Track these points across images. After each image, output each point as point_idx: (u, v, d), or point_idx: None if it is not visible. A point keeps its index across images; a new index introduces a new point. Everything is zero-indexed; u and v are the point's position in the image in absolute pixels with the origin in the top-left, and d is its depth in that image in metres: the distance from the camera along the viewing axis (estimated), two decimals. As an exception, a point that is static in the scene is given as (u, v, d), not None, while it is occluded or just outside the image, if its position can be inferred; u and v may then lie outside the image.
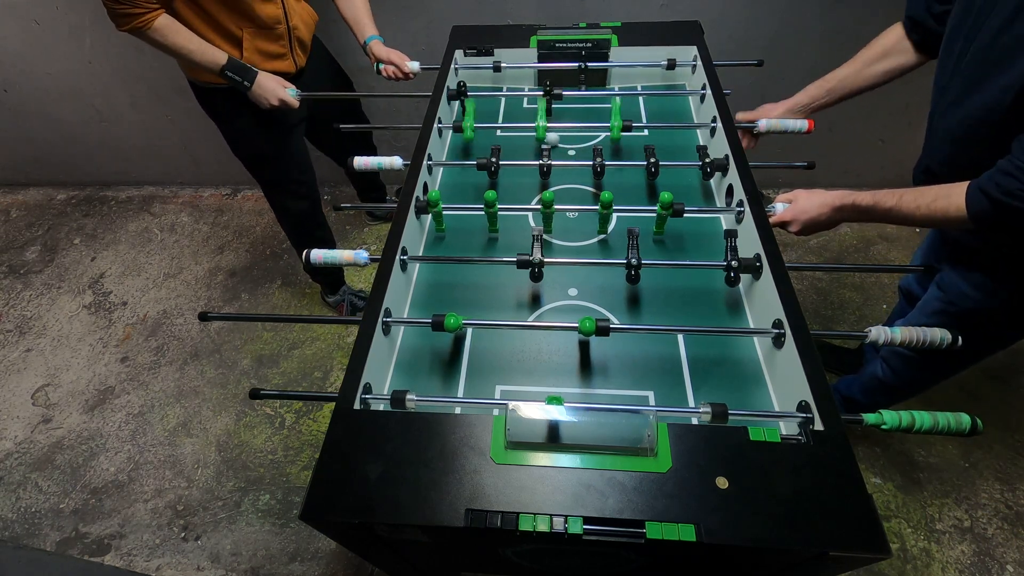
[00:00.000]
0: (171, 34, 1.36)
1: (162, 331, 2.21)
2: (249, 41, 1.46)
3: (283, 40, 1.52)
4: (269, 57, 1.52)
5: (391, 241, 1.04)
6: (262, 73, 1.47)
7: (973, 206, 0.88)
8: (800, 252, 2.27)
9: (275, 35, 1.49)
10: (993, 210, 0.86)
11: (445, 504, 0.69)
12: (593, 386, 0.94)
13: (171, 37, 1.36)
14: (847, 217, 1.03)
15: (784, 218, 1.05)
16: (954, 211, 0.90)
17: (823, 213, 1.02)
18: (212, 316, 1.03)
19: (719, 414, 0.79)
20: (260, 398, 0.91)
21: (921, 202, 0.93)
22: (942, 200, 0.92)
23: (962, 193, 0.89)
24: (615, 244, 1.18)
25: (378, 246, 1.01)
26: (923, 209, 0.93)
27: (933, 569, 1.50)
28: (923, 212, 0.93)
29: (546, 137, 1.32)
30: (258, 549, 1.63)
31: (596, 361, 0.98)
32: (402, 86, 1.76)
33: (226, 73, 1.44)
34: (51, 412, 2.00)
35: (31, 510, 1.76)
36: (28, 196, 2.89)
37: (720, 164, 1.20)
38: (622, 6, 1.98)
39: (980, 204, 0.87)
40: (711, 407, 0.79)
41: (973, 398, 1.80)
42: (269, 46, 1.50)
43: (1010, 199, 0.84)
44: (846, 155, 2.34)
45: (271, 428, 1.89)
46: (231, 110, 1.56)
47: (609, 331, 0.89)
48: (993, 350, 1.25)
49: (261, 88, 1.48)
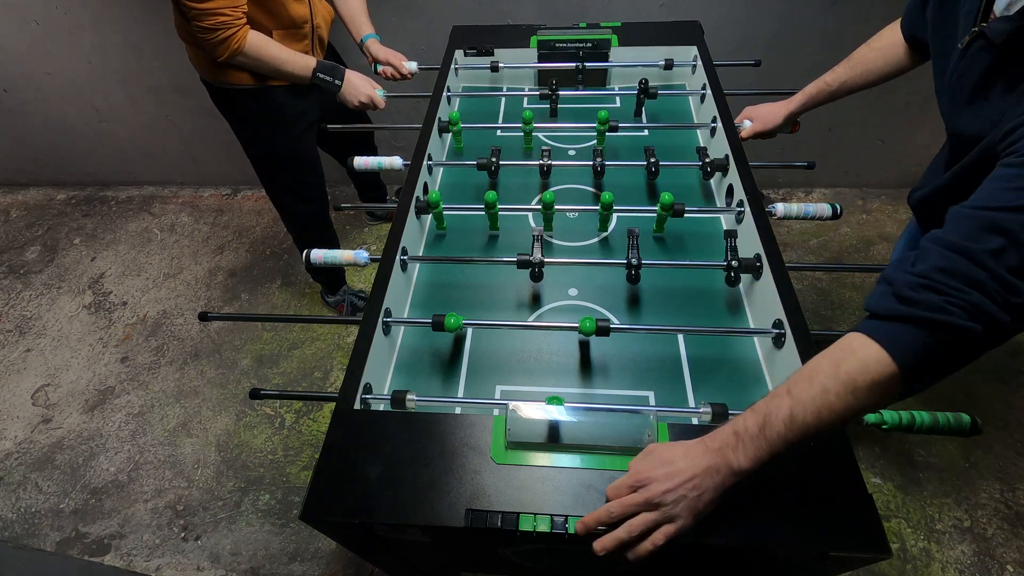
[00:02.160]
0: (264, 46, 1.36)
1: (162, 331, 2.21)
2: (279, 41, 1.44)
3: (307, 40, 1.51)
4: None
5: (391, 241, 1.04)
6: (350, 71, 1.48)
7: (897, 344, 0.60)
8: (800, 252, 2.27)
9: (301, 34, 1.48)
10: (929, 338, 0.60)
11: (445, 504, 0.69)
12: (593, 386, 0.94)
13: (265, 49, 1.36)
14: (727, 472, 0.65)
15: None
16: (871, 365, 0.60)
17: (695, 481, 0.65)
18: (212, 316, 1.03)
19: (719, 414, 0.79)
20: (260, 398, 0.91)
21: (829, 396, 0.61)
22: (845, 362, 0.62)
23: (863, 341, 0.62)
24: (615, 244, 1.18)
25: (378, 246, 1.01)
26: (829, 390, 0.61)
27: (933, 569, 1.50)
28: (832, 394, 0.61)
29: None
30: (258, 549, 1.63)
31: (596, 361, 0.98)
32: (404, 86, 1.76)
33: (318, 75, 1.44)
34: (51, 412, 2.00)
35: (31, 510, 1.76)
36: (28, 196, 2.89)
37: (720, 164, 1.20)
38: (622, 6, 1.98)
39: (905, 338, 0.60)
40: (711, 407, 0.79)
41: (973, 398, 1.80)
42: (295, 45, 1.49)
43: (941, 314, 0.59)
44: (846, 155, 2.34)
45: (271, 428, 1.89)
46: (249, 110, 1.54)
47: (609, 331, 0.89)
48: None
49: (352, 86, 1.48)
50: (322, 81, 1.45)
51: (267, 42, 1.37)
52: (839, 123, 2.25)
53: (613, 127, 1.30)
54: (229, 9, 1.27)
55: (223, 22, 1.28)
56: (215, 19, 1.26)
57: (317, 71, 1.44)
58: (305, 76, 1.44)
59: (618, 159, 1.37)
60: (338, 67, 1.46)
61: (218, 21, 1.27)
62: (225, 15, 1.27)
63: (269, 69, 1.41)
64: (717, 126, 1.27)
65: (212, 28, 1.27)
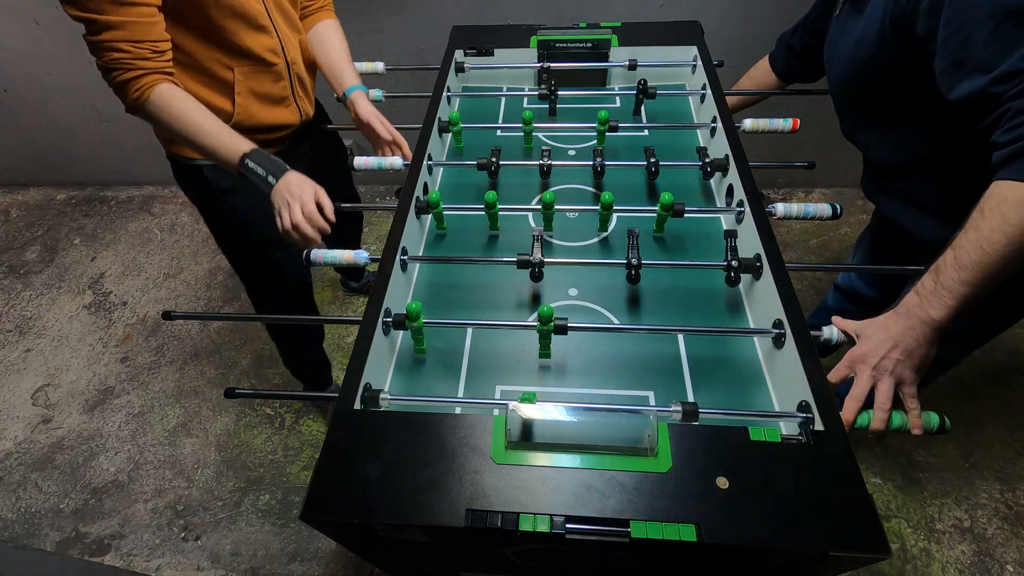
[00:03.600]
0: (178, 103, 1.03)
1: (162, 331, 2.21)
2: (242, 82, 1.14)
3: (283, 80, 1.21)
4: (269, 102, 1.21)
5: (391, 241, 1.04)
6: (293, 173, 1.09)
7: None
8: (800, 252, 2.27)
9: (273, 73, 1.18)
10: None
11: (445, 504, 0.69)
12: (593, 386, 0.94)
13: (175, 108, 1.02)
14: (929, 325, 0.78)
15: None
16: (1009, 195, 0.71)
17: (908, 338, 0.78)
18: (175, 315, 1.01)
19: (689, 412, 0.79)
20: (235, 396, 0.91)
21: (982, 232, 0.72)
22: (1003, 209, 0.71)
23: (1014, 187, 0.71)
24: (615, 244, 1.18)
25: (378, 246, 1.01)
26: (995, 237, 0.71)
27: (933, 569, 1.50)
28: (997, 239, 0.71)
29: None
30: (258, 549, 1.63)
31: (596, 361, 0.98)
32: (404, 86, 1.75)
33: (246, 163, 1.06)
34: (51, 412, 2.00)
35: (31, 510, 1.76)
36: (28, 196, 2.89)
37: (720, 164, 1.20)
38: (622, 6, 1.98)
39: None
40: (681, 405, 0.79)
41: (973, 398, 1.80)
42: (268, 87, 1.19)
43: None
44: (846, 155, 2.33)
45: (271, 428, 1.89)
46: (227, 186, 1.25)
47: (567, 330, 0.90)
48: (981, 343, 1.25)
49: (288, 189, 1.07)
50: (252, 172, 1.06)
51: (184, 100, 1.04)
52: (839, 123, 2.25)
53: (613, 127, 1.30)
54: (128, 44, 0.96)
55: (119, 60, 0.97)
56: (109, 55, 0.97)
57: (248, 157, 1.05)
58: (231, 159, 1.05)
59: (618, 159, 1.37)
60: (280, 163, 1.08)
61: (112, 59, 0.97)
62: (121, 51, 0.97)
63: (182, 136, 1.05)
64: (717, 126, 1.27)
65: (107, 67, 0.99)
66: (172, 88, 1.03)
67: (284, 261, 1.39)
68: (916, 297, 0.78)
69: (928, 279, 0.77)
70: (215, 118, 1.06)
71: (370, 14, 2.08)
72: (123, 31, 0.96)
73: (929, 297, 0.76)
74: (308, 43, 1.31)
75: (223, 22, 1.06)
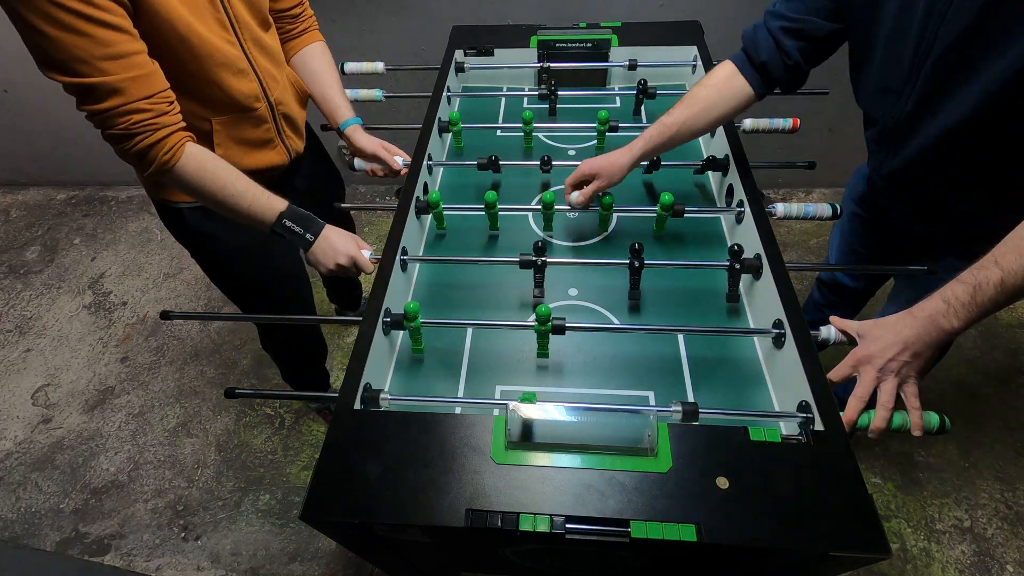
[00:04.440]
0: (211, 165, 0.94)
1: (162, 331, 2.21)
2: (222, 132, 1.06)
3: (267, 124, 1.13)
4: (252, 147, 1.13)
5: (391, 241, 1.04)
6: (331, 227, 1.06)
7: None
8: (800, 252, 2.27)
9: (255, 118, 1.09)
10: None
11: (445, 504, 0.69)
12: (593, 386, 0.94)
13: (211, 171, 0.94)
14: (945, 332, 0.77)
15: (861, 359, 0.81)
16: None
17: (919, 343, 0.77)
18: (174, 315, 1.01)
19: (689, 412, 0.79)
20: (236, 396, 0.91)
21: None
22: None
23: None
24: (615, 244, 1.18)
25: (378, 246, 1.01)
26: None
27: (933, 569, 1.50)
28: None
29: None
30: (258, 549, 1.63)
31: (596, 361, 0.98)
32: (405, 87, 1.75)
33: (284, 223, 1.01)
34: (51, 412, 2.00)
35: (31, 510, 1.76)
36: (28, 196, 2.89)
37: (721, 164, 1.20)
38: (622, 6, 1.98)
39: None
40: (682, 405, 0.80)
41: (973, 398, 1.80)
42: (249, 132, 1.10)
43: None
44: (846, 155, 2.33)
45: (271, 428, 1.89)
46: (208, 231, 1.18)
47: (565, 329, 0.90)
48: None
49: (329, 245, 1.04)
50: (289, 232, 1.02)
51: (215, 160, 0.95)
52: (839, 123, 2.25)
53: (613, 127, 1.30)
54: (144, 102, 0.84)
55: (141, 123, 0.85)
56: (127, 120, 0.84)
57: (284, 217, 1.01)
58: (266, 220, 1.00)
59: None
60: (314, 219, 1.04)
61: (132, 123, 0.84)
62: (140, 111, 0.84)
63: (214, 199, 0.96)
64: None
65: (125, 135, 0.85)
66: (200, 147, 0.94)
67: (274, 291, 1.35)
68: (943, 305, 0.75)
69: (963, 292, 0.74)
70: (246, 178, 0.99)
71: (370, 14, 2.08)
72: (134, 90, 0.83)
73: (959, 310, 0.74)
74: (295, 74, 1.24)
75: (196, 73, 0.96)
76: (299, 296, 1.43)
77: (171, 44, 0.90)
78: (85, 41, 0.78)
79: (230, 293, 1.36)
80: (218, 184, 0.95)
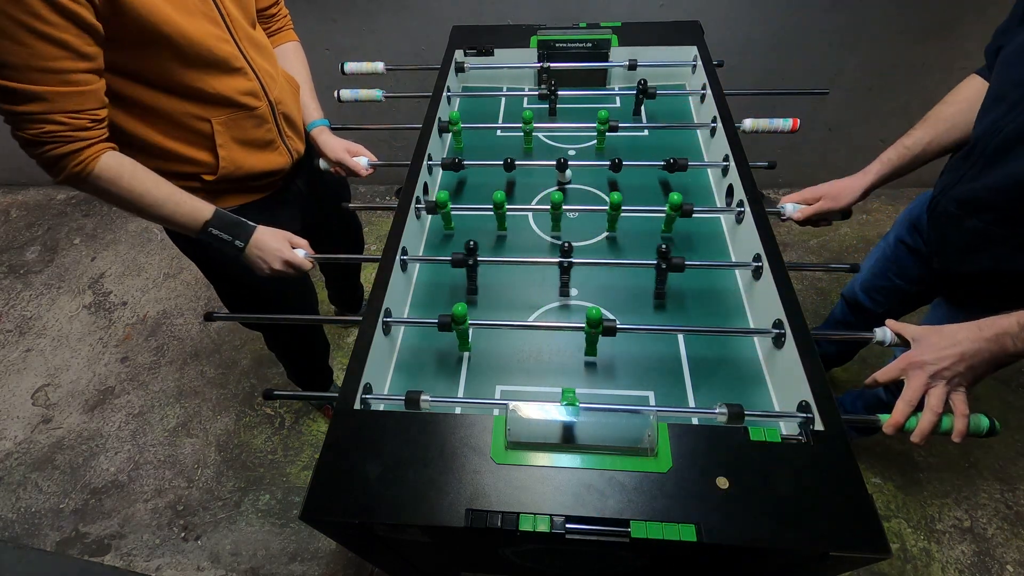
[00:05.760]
0: (127, 174, 0.92)
1: (162, 331, 2.21)
2: (223, 133, 1.04)
3: (267, 123, 1.11)
4: (255, 148, 1.11)
5: (391, 241, 1.04)
6: (262, 228, 1.05)
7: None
8: (800, 252, 2.27)
9: (256, 117, 1.08)
10: None
11: (445, 504, 0.69)
12: (593, 386, 0.94)
13: (127, 179, 0.92)
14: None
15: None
16: None
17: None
18: (217, 316, 1.02)
19: (735, 415, 0.78)
20: (274, 398, 0.91)
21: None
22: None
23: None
24: (620, 244, 1.18)
25: (378, 246, 1.01)
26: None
27: (933, 569, 1.50)
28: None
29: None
30: (258, 549, 1.63)
31: (596, 361, 0.98)
32: (405, 87, 1.75)
33: (211, 231, 1.00)
34: (51, 412, 2.00)
35: (31, 510, 1.76)
36: (28, 196, 2.89)
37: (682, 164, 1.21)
38: (622, 6, 1.98)
39: None
40: (727, 407, 0.79)
41: (973, 398, 1.79)
42: (251, 133, 1.08)
43: None
44: (846, 155, 2.34)
45: (271, 428, 1.89)
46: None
47: (616, 331, 0.89)
48: None
49: (261, 249, 1.04)
50: (216, 240, 1.01)
51: (134, 169, 0.93)
52: (839, 123, 2.25)
53: (613, 127, 1.30)
54: (63, 116, 0.83)
55: (52, 133, 0.83)
56: (38, 128, 0.82)
57: (210, 225, 0.99)
58: (191, 228, 0.99)
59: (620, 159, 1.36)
60: (244, 224, 1.03)
61: (44, 132, 0.83)
62: (55, 123, 0.83)
63: (134, 207, 0.94)
64: (717, 126, 1.27)
65: (35, 141, 0.84)
66: (118, 157, 0.92)
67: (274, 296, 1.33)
68: (1016, 327, 0.75)
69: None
70: (168, 184, 0.97)
71: (370, 14, 2.08)
72: (58, 102, 0.82)
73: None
74: (293, 79, 1.24)
75: (190, 73, 0.95)
76: (305, 300, 1.43)
77: (158, 44, 0.89)
78: (20, 49, 0.77)
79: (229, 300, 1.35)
80: (135, 192, 0.93)
